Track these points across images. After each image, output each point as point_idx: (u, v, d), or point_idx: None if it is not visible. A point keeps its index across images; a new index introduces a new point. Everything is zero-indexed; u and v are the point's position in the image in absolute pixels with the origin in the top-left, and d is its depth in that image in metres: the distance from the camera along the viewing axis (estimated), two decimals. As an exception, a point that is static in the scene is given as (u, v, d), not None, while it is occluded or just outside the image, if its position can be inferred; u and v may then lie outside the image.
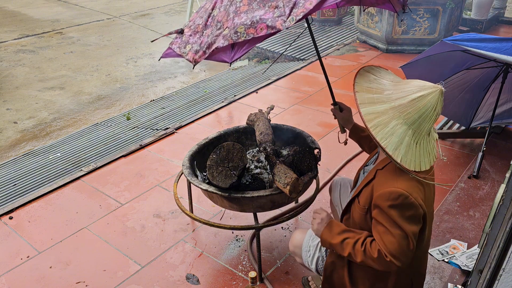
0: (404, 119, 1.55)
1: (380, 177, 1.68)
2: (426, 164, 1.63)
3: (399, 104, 1.56)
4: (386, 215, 1.60)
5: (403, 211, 1.58)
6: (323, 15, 7.06)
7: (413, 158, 1.59)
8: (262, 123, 2.76)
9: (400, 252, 1.59)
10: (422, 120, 1.54)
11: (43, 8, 9.75)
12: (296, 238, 2.04)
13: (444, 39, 3.00)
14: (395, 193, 1.57)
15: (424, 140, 1.61)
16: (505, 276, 1.30)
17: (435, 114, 1.55)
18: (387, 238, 1.60)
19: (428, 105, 1.52)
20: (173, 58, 7.09)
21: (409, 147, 1.57)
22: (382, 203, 1.60)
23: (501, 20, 7.22)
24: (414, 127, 1.56)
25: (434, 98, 1.52)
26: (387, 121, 1.57)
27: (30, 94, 5.65)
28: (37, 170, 3.67)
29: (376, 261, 1.63)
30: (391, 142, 1.56)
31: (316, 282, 2.30)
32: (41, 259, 2.65)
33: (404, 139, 1.56)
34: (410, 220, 1.59)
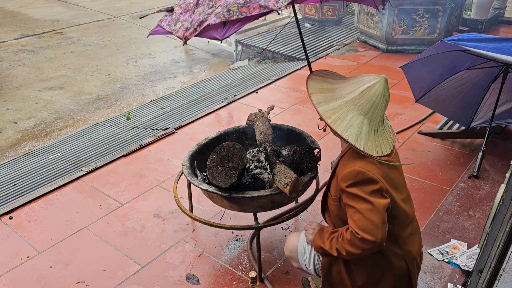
0: (358, 110, 1.70)
1: (341, 165, 1.79)
2: (387, 148, 1.76)
3: (351, 98, 1.72)
4: (350, 194, 1.70)
5: (364, 186, 1.67)
6: (323, 15, 7.06)
7: (374, 145, 1.72)
8: (262, 123, 2.76)
9: (369, 226, 1.64)
10: (374, 108, 1.69)
11: (43, 8, 9.75)
12: (291, 242, 2.05)
13: (444, 39, 3.00)
14: (353, 171, 1.69)
15: (380, 127, 1.75)
16: (505, 276, 1.30)
17: (384, 101, 1.70)
18: (355, 216, 1.68)
19: (377, 94, 1.68)
20: (173, 59, 7.06)
21: (368, 135, 1.71)
22: (343, 184, 1.71)
23: (501, 20, 7.22)
24: (368, 116, 1.70)
25: (381, 87, 1.68)
26: (344, 114, 1.72)
27: (30, 94, 5.65)
28: (37, 170, 3.67)
29: (351, 243, 1.68)
30: (351, 133, 1.70)
31: (316, 282, 2.30)
32: (41, 259, 2.65)
33: (363, 128, 1.71)
34: (374, 194, 1.67)
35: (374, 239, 1.63)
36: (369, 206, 1.64)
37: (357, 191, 1.67)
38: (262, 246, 2.65)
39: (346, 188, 1.70)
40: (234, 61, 6.65)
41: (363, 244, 1.65)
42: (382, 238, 1.65)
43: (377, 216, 1.64)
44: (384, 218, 1.66)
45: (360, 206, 1.66)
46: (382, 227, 1.65)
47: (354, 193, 1.68)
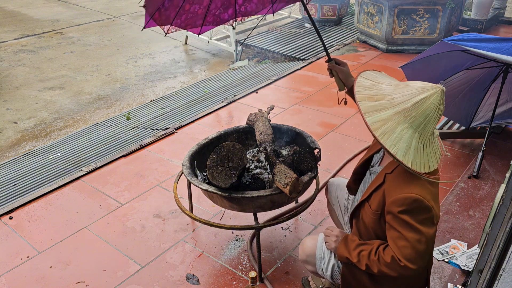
0: (409, 123, 1.55)
1: (390, 182, 1.68)
2: (434, 163, 1.63)
3: (403, 109, 1.55)
4: (400, 219, 1.61)
5: (418, 215, 1.59)
6: (323, 15, 7.06)
7: (422, 161, 1.59)
8: (262, 123, 2.76)
9: (415, 257, 1.60)
10: (427, 122, 1.54)
11: (43, 8, 9.75)
12: (308, 246, 1.98)
13: (444, 39, 3.00)
14: (410, 198, 1.58)
15: (429, 141, 1.61)
16: (505, 276, 1.30)
17: (438, 115, 1.55)
18: (401, 243, 1.61)
19: (432, 107, 1.52)
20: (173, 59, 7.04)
21: (417, 150, 1.57)
22: (395, 209, 1.61)
23: (501, 20, 7.22)
24: (420, 130, 1.56)
25: (437, 99, 1.52)
26: (393, 127, 1.56)
27: (30, 94, 5.65)
28: (37, 170, 3.67)
29: (390, 266, 1.64)
30: (400, 148, 1.55)
31: (316, 283, 2.30)
32: (41, 259, 2.65)
33: (412, 143, 1.56)
34: (425, 223, 1.60)
35: (416, 268, 1.60)
36: (418, 237, 1.59)
37: (409, 219, 1.59)
38: (262, 246, 2.65)
39: (397, 214, 1.61)
40: (234, 61, 6.65)
41: (403, 271, 1.62)
42: (424, 266, 1.63)
43: (424, 247, 1.60)
44: (430, 248, 1.63)
45: (409, 234, 1.60)
46: (426, 257, 1.62)
47: (405, 220, 1.60)
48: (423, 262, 1.61)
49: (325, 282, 2.27)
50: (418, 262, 1.60)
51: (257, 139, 2.67)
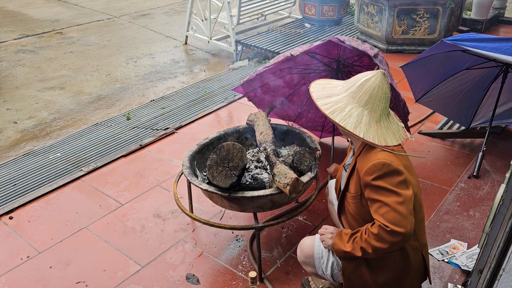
0: (357, 102, 1.76)
1: (360, 161, 1.79)
2: (392, 140, 1.78)
3: (350, 92, 1.79)
4: (376, 187, 1.69)
5: (390, 177, 1.68)
6: (323, 15, 7.06)
7: (376, 135, 1.75)
8: (262, 123, 2.77)
9: (399, 218, 1.64)
10: (374, 100, 1.74)
11: (43, 8, 9.75)
12: (306, 247, 1.99)
13: (444, 39, 3.00)
14: (378, 164, 1.70)
15: (384, 121, 1.79)
16: (505, 276, 1.30)
17: (383, 93, 1.75)
18: (382, 210, 1.67)
19: (373, 85, 1.74)
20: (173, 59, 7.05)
21: (369, 125, 1.75)
22: (369, 178, 1.71)
23: (501, 20, 7.21)
24: (368, 107, 1.75)
25: (378, 79, 1.74)
26: (343, 107, 1.78)
27: (30, 94, 5.65)
28: (37, 170, 3.67)
29: (379, 237, 1.66)
30: (350, 122, 1.75)
31: (316, 283, 2.30)
32: (41, 259, 2.65)
33: (362, 119, 1.75)
34: (400, 185, 1.68)
35: (404, 231, 1.63)
36: (397, 198, 1.65)
37: (384, 184, 1.68)
38: (262, 246, 2.65)
39: (372, 181, 1.70)
40: (234, 61, 6.65)
41: (393, 237, 1.64)
42: (411, 229, 1.66)
43: (405, 207, 1.65)
44: (411, 209, 1.68)
45: (388, 199, 1.66)
46: (410, 217, 1.66)
47: (380, 185, 1.69)
48: (410, 224, 1.65)
49: (325, 283, 2.27)
50: (404, 224, 1.64)
51: (257, 139, 2.67)
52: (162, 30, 8.20)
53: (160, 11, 9.50)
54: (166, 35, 7.95)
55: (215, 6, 6.83)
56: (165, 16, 9.18)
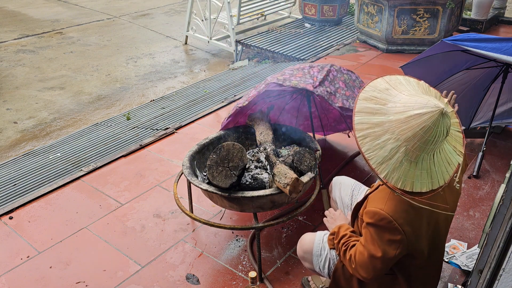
0: (398, 134, 1.43)
1: (375, 193, 1.69)
2: (423, 186, 1.49)
3: (396, 119, 1.44)
4: (367, 230, 1.66)
5: (383, 233, 1.60)
6: (323, 15, 7.06)
7: (403, 176, 1.47)
8: (262, 123, 2.77)
9: (366, 266, 1.66)
10: (417, 140, 1.41)
11: (43, 8, 9.75)
12: (306, 243, 2.01)
13: (444, 39, 3.00)
14: (379, 214, 1.58)
15: (424, 161, 1.47)
16: (505, 276, 1.30)
17: (432, 136, 1.40)
18: (360, 249, 1.68)
19: (423, 125, 1.39)
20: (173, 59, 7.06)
21: (400, 165, 1.45)
22: (365, 219, 1.66)
23: (501, 20, 7.21)
24: (408, 145, 1.43)
25: (431, 119, 1.38)
26: (379, 134, 1.46)
27: (30, 94, 5.65)
28: (37, 170, 3.67)
29: (347, 263, 1.74)
30: (377, 155, 1.46)
31: (316, 283, 2.30)
32: (41, 259, 2.65)
33: (395, 155, 1.44)
34: (389, 244, 1.60)
35: (366, 276, 1.67)
36: (376, 254, 1.61)
37: (374, 234, 1.61)
38: (262, 246, 2.65)
39: (366, 224, 1.65)
40: (234, 61, 6.65)
41: (356, 272, 1.71)
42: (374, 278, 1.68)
43: (379, 264, 1.63)
44: (385, 267, 1.66)
45: (369, 247, 1.63)
46: (378, 272, 1.66)
47: (370, 232, 1.63)
48: (371, 276, 1.66)
49: (325, 282, 2.27)
50: (368, 273, 1.66)
51: (257, 139, 2.67)
52: (162, 30, 8.20)
53: (160, 11, 9.50)
54: (166, 35, 7.95)
55: (215, 6, 6.83)
56: (165, 16, 9.18)
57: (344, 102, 2.65)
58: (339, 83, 2.76)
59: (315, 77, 2.71)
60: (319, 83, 2.65)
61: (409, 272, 1.77)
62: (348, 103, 2.66)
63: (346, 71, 2.93)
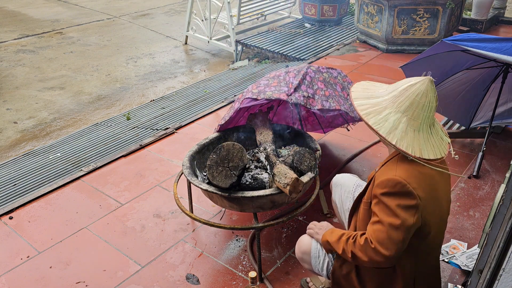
0: (396, 107, 1.63)
1: (381, 170, 1.71)
2: (430, 153, 1.64)
3: (391, 96, 1.65)
4: (382, 203, 1.62)
5: (399, 198, 1.59)
6: (323, 15, 7.06)
7: (411, 143, 1.61)
8: (262, 123, 2.77)
9: (387, 242, 1.58)
10: (415, 107, 1.60)
11: (43, 8, 9.75)
12: (304, 244, 2.00)
13: (444, 39, 3.00)
14: (393, 180, 1.60)
15: (424, 131, 1.64)
16: (505, 276, 1.30)
17: (427, 101, 1.60)
18: (377, 226, 1.62)
19: (417, 92, 1.60)
20: (173, 59, 7.05)
21: (405, 133, 1.61)
22: (378, 191, 1.63)
23: (501, 20, 7.21)
24: (408, 115, 1.61)
25: (423, 85, 1.60)
26: (380, 110, 1.65)
27: (30, 94, 5.65)
28: (37, 170, 3.67)
29: (362, 248, 1.64)
30: (384, 126, 1.62)
31: (316, 283, 2.30)
32: (41, 259, 2.65)
33: (399, 125, 1.61)
34: (406, 210, 1.58)
35: (387, 254, 1.58)
36: (395, 222, 1.58)
37: (390, 202, 1.59)
38: (262, 246, 2.65)
39: (380, 195, 1.63)
40: (234, 61, 6.66)
41: (374, 254, 1.61)
42: (395, 256, 1.60)
43: (400, 235, 1.58)
44: (406, 238, 1.60)
45: (387, 219, 1.59)
46: (400, 244, 1.59)
47: (385, 202, 1.60)
48: (396, 250, 1.59)
49: (324, 283, 2.27)
50: (390, 248, 1.58)
51: (257, 139, 2.68)
52: (162, 30, 8.20)
53: (160, 11, 9.50)
54: (166, 35, 7.95)
55: (215, 6, 6.83)
56: (165, 16, 9.18)
57: (323, 103, 2.62)
58: (318, 83, 2.72)
59: (291, 84, 2.67)
60: (294, 89, 2.62)
61: (412, 261, 1.74)
62: (328, 103, 2.62)
63: (326, 69, 2.88)
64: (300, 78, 2.70)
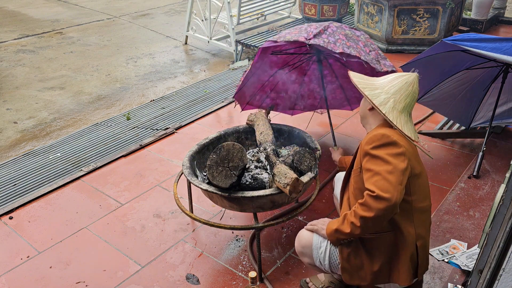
0: (387, 90, 1.92)
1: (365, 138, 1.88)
2: (410, 132, 1.87)
3: (384, 81, 1.96)
4: (372, 156, 1.76)
5: (387, 148, 1.76)
6: (323, 15, 7.06)
7: (397, 118, 1.87)
8: (262, 123, 2.77)
9: (386, 185, 1.67)
10: (402, 93, 1.89)
11: (43, 8, 9.75)
12: (304, 237, 2.01)
13: (444, 39, 3.00)
14: (378, 134, 1.80)
15: (405, 115, 1.90)
16: (505, 276, 1.30)
17: (412, 91, 1.91)
18: (374, 178, 1.72)
19: (405, 81, 1.91)
20: (173, 59, 7.04)
21: (392, 109, 1.88)
22: (367, 147, 1.79)
23: (501, 20, 7.22)
24: (395, 97, 1.89)
25: (411, 78, 1.92)
26: (374, 88, 1.94)
27: (30, 94, 5.65)
28: (37, 170, 3.67)
29: (365, 205, 1.70)
30: (377, 99, 1.90)
31: (316, 283, 2.30)
32: (41, 259, 2.65)
33: (387, 103, 1.89)
34: (396, 156, 1.74)
35: (389, 197, 1.65)
36: (389, 168, 1.70)
37: (380, 153, 1.75)
38: (262, 246, 2.65)
39: (369, 150, 1.78)
40: (234, 61, 6.65)
41: (378, 203, 1.66)
42: (397, 199, 1.67)
43: (396, 177, 1.69)
44: (402, 180, 1.71)
45: (380, 168, 1.72)
46: (398, 187, 1.69)
47: (376, 154, 1.75)
48: (396, 192, 1.67)
49: (324, 282, 2.27)
50: (390, 190, 1.66)
51: (257, 139, 2.68)
52: (162, 30, 8.20)
53: (160, 11, 9.50)
54: (166, 35, 7.95)
55: (215, 6, 6.83)
56: (165, 16, 9.18)
57: (345, 49, 2.63)
58: (339, 35, 2.75)
59: (311, 32, 2.70)
60: (314, 35, 2.65)
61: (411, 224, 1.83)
62: (349, 50, 2.64)
63: (349, 28, 2.90)
64: (321, 29, 2.73)
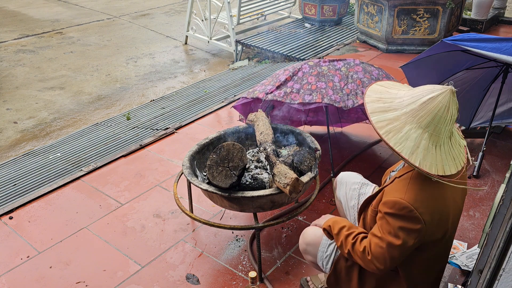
0: (417, 123, 1.53)
1: (392, 185, 1.69)
2: (452, 168, 1.57)
3: (411, 109, 1.55)
4: (385, 220, 1.64)
5: (403, 222, 1.59)
6: (323, 15, 7.06)
7: (434, 162, 1.54)
8: (262, 123, 2.77)
9: (383, 258, 1.64)
10: (437, 122, 1.52)
11: (43, 8, 9.74)
12: (310, 235, 2.00)
13: (444, 39, 3.00)
14: (400, 204, 1.58)
15: (445, 144, 1.57)
16: (505, 276, 1.30)
17: (449, 115, 1.52)
18: (377, 241, 1.65)
19: (440, 106, 1.50)
20: (173, 59, 7.06)
21: (427, 150, 1.53)
22: (384, 209, 1.63)
23: (501, 20, 7.21)
24: (429, 130, 1.53)
25: (445, 99, 1.51)
26: (400, 126, 1.55)
27: (30, 94, 5.65)
28: (37, 170, 3.67)
29: (359, 255, 1.70)
30: (406, 146, 1.53)
31: (315, 283, 2.30)
32: (41, 259, 2.65)
33: (421, 143, 1.53)
34: (408, 233, 1.59)
35: (381, 268, 1.65)
36: (395, 243, 1.60)
37: (393, 223, 1.60)
38: (262, 246, 2.65)
39: (384, 214, 1.63)
40: (234, 61, 6.65)
41: (368, 264, 1.68)
42: (388, 269, 1.67)
43: (397, 253, 1.62)
44: (402, 257, 1.66)
45: (387, 237, 1.61)
46: (395, 262, 1.65)
47: (389, 222, 1.61)
48: (390, 265, 1.65)
49: (324, 282, 2.27)
50: (383, 263, 1.64)
51: (257, 139, 2.68)
52: (162, 30, 8.20)
53: (160, 11, 9.49)
54: (166, 35, 7.95)
55: (215, 6, 6.83)
56: (165, 16, 9.18)
57: (305, 97, 2.72)
58: (308, 78, 2.81)
59: (279, 81, 2.83)
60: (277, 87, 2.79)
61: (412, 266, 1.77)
62: (311, 97, 2.72)
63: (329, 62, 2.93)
64: (289, 75, 2.83)
